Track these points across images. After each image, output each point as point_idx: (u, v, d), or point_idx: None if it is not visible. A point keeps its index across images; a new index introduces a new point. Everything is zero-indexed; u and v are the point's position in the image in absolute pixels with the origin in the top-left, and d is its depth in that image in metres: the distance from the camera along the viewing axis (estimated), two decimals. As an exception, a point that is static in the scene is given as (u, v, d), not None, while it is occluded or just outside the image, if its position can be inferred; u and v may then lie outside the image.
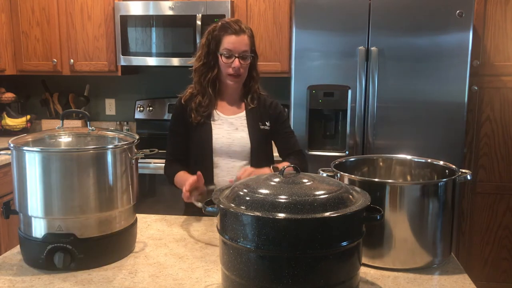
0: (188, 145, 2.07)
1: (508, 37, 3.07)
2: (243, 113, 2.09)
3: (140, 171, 1.71)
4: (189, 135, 2.06)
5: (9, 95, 3.78)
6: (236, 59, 1.98)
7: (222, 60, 1.99)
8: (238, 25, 2.02)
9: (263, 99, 2.14)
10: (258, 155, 2.04)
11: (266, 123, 2.09)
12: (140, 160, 1.58)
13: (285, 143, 2.12)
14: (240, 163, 2.02)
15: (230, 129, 2.05)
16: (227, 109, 2.09)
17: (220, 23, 2.04)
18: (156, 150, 1.59)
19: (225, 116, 2.07)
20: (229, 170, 2.01)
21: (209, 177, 1.96)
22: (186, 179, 1.86)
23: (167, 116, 3.81)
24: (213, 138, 2.02)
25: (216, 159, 2.03)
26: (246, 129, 2.06)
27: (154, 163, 3.20)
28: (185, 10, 3.33)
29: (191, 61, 2.12)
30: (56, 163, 1.40)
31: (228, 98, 2.10)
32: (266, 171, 1.83)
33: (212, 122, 2.05)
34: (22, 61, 3.59)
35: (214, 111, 2.06)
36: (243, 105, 2.11)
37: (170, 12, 3.34)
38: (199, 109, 2.04)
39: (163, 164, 3.15)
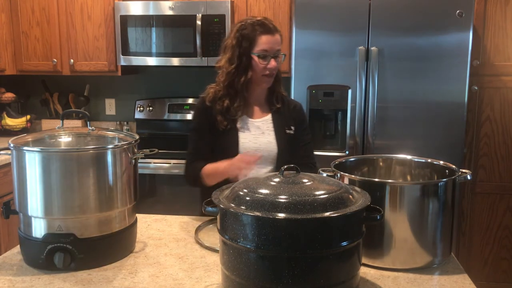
0: (213, 147, 1.97)
1: (508, 37, 3.07)
2: (269, 116, 2.02)
3: (140, 171, 1.71)
4: (213, 138, 1.96)
5: (9, 95, 3.78)
6: (272, 60, 1.91)
7: (257, 61, 1.91)
8: (272, 24, 1.94)
9: (286, 100, 2.08)
10: (284, 160, 1.94)
11: (292, 127, 2.02)
12: (140, 160, 1.58)
13: (303, 151, 2.05)
14: (265, 168, 1.95)
15: (256, 133, 1.97)
16: (253, 112, 2.01)
17: (249, 21, 1.94)
18: (156, 150, 1.59)
19: (251, 119, 1.99)
20: (258, 172, 1.90)
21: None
22: (223, 163, 1.81)
23: (167, 116, 3.81)
24: (239, 143, 1.94)
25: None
26: (272, 133, 1.99)
27: (154, 163, 3.20)
28: (185, 10, 3.33)
29: (219, 63, 2.01)
30: (56, 163, 1.40)
31: (255, 100, 2.01)
32: None
33: (238, 126, 1.96)
34: (22, 61, 3.59)
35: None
36: (268, 107, 2.04)
37: (170, 12, 3.34)
38: (226, 113, 1.94)
39: (163, 164, 3.19)
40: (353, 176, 1.48)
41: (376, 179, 1.57)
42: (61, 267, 1.40)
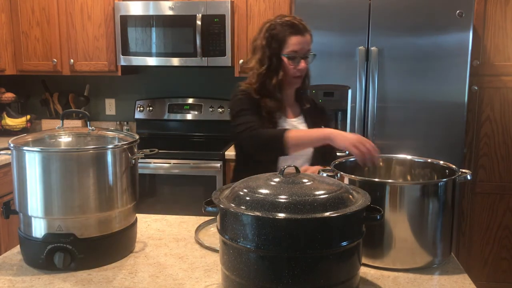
0: None
1: (508, 37, 3.07)
2: (301, 116, 2.02)
3: (140, 171, 1.70)
4: None
5: (9, 95, 3.78)
6: (302, 61, 1.89)
7: (289, 63, 1.89)
8: (302, 24, 1.90)
9: (312, 99, 2.08)
10: (318, 158, 1.95)
11: (322, 126, 2.00)
12: (140, 160, 1.58)
13: (331, 150, 1.99)
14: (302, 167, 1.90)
15: None
16: (287, 112, 2.00)
17: (278, 21, 1.90)
18: (156, 150, 1.59)
19: (288, 119, 1.98)
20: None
21: None
22: (320, 131, 1.73)
23: (167, 116, 3.81)
24: None
25: (279, 163, 1.92)
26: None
27: (154, 163, 3.20)
28: (185, 10, 3.33)
29: (250, 64, 1.98)
30: (56, 163, 1.40)
31: (287, 100, 2.00)
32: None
33: (278, 124, 1.94)
34: (22, 61, 3.60)
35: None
36: (298, 106, 2.03)
37: (170, 12, 3.34)
38: (267, 114, 1.91)
39: (163, 164, 3.19)
40: (353, 176, 1.48)
41: (376, 179, 1.57)
42: (61, 267, 1.40)
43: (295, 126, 1.98)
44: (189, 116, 3.80)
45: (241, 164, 2.11)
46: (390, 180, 1.62)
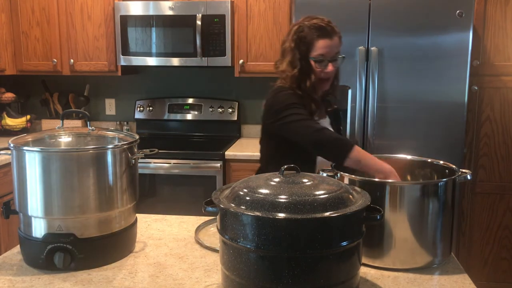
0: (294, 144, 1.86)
1: (508, 37, 3.07)
2: (327, 117, 2.01)
3: (140, 171, 1.70)
4: None
5: (9, 95, 3.78)
6: (330, 64, 1.87)
7: (316, 66, 1.87)
8: (331, 26, 1.87)
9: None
10: None
11: (340, 127, 2.01)
12: (140, 160, 1.58)
13: None
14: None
15: None
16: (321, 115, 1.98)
17: (306, 23, 1.88)
18: (156, 150, 1.59)
19: (320, 120, 1.96)
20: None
21: None
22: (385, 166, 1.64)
23: (167, 116, 3.81)
24: None
25: (317, 164, 1.92)
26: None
27: (154, 163, 3.20)
28: (185, 10, 3.33)
29: (280, 67, 1.95)
30: (56, 163, 1.40)
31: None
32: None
33: None
34: (22, 61, 3.59)
35: None
36: (324, 108, 2.01)
37: (170, 12, 3.34)
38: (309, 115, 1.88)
39: (163, 164, 3.19)
40: (353, 176, 1.48)
41: (376, 179, 1.57)
42: (61, 267, 1.40)
43: (327, 127, 1.96)
44: (189, 116, 3.80)
45: (271, 164, 2.07)
46: (390, 180, 1.62)
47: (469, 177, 1.49)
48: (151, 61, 3.43)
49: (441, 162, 1.63)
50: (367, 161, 1.67)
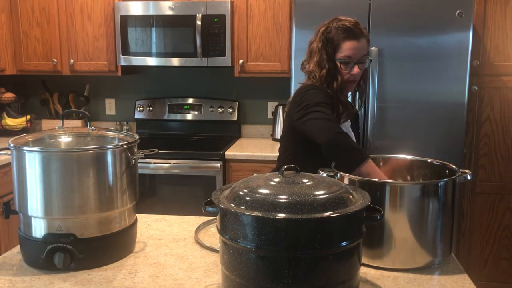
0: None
1: (508, 37, 3.07)
2: (348, 120, 2.01)
3: (140, 171, 1.70)
4: None
5: (9, 95, 3.78)
6: (356, 66, 1.85)
7: (341, 67, 1.86)
8: (358, 28, 1.86)
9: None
10: None
11: (359, 132, 2.02)
12: (140, 160, 1.58)
13: None
14: None
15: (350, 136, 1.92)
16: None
17: (334, 25, 1.87)
18: (156, 150, 1.59)
19: (343, 122, 1.96)
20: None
21: None
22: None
23: (167, 116, 3.81)
24: None
25: None
26: (353, 136, 1.98)
27: (154, 163, 3.20)
28: (185, 10, 3.33)
29: (309, 68, 1.93)
30: (56, 163, 1.40)
31: None
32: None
33: None
34: (22, 61, 3.59)
35: None
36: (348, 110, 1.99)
37: (170, 12, 3.34)
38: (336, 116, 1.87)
39: (163, 164, 3.19)
40: (353, 176, 1.48)
41: (376, 179, 1.57)
42: (61, 267, 1.40)
43: (350, 130, 1.96)
44: (189, 116, 3.80)
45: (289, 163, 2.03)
46: (390, 180, 1.62)
47: (469, 177, 1.49)
48: (151, 61, 3.43)
49: (441, 162, 1.63)
50: (376, 176, 1.65)
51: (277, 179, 1.23)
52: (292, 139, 2.01)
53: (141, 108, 3.82)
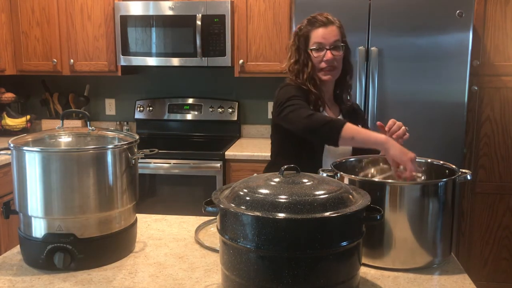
0: (299, 140, 1.91)
1: (508, 37, 3.07)
2: (341, 115, 2.04)
3: (140, 171, 1.71)
4: None
5: (9, 95, 3.78)
6: (328, 51, 1.91)
7: (313, 55, 1.92)
8: (325, 17, 1.94)
9: (349, 98, 2.09)
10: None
11: (359, 125, 1.99)
12: (140, 160, 1.58)
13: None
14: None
15: None
16: (327, 109, 2.01)
17: (306, 20, 1.96)
18: (156, 150, 1.59)
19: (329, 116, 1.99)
20: None
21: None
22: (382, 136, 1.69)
23: (167, 116, 3.81)
24: None
25: (323, 160, 1.95)
26: None
27: (154, 163, 3.20)
28: (185, 10, 3.33)
29: (286, 67, 2.02)
30: (56, 163, 1.40)
31: (325, 97, 2.00)
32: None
33: None
34: (22, 61, 3.60)
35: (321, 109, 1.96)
36: (337, 104, 2.05)
37: (170, 12, 3.34)
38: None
39: (163, 164, 3.19)
40: (353, 176, 1.48)
41: (376, 179, 1.57)
42: (61, 267, 1.40)
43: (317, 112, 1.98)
44: (189, 116, 3.80)
45: (280, 155, 2.08)
46: (390, 180, 1.62)
47: (469, 177, 1.49)
48: (151, 61, 3.43)
49: (441, 162, 1.63)
50: (361, 136, 1.71)
51: (277, 179, 1.23)
52: (276, 136, 2.10)
53: (141, 108, 3.82)
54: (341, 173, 1.49)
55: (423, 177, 1.64)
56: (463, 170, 1.52)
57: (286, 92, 1.94)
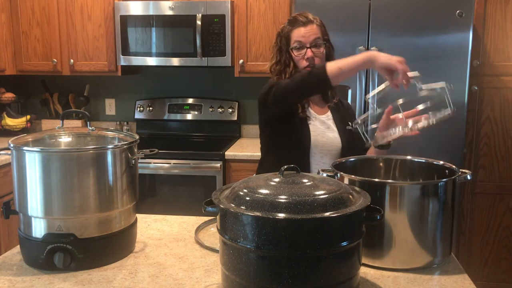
0: (286, 138, 2.00)
1: (508, 37, 3.07)
2: (329, 113, 2.06)
3: (140, 171, 1.71)
4: (288, 127, 1.99)
5: (9, 95, 3.78)
6: (308, 50, 1.93)
7: (294, 54, 1.94)
8: (305, 16, 1.97)
9: (339, 98, 2.11)
10: (346, 155, 1.95)
11: (349, 123, 2.04)
12: (140, 160, 1.58)
13: (359, 147, 2.04)
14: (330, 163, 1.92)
15: (323, 127, 2.01)
16: (314, 107, 2.04)
17: (287, 21, 1.99)
18: (156, 150, 1.59)
19: (316, 114, 2.03)
20: (321, 167, 1.86)
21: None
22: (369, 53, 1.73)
23: (167, 116, 3.81)
24: (310, 135, 1.97)
25: (310, 157, 1.98)
26: (335, 129, 2.03)
27: (154, 163, 3.20)
28: (185, 10, 3.33)
29: (269, 69, 2.06)
30: (56, 163, 1.40)
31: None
32: None
33: (308, 119, 1.99)
34: (22, 61, 3.60)
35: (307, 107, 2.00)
36: (324, 103, 2.07)
37: (170, 12, 3.34)
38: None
39: (163, 164, 3.19)
40: (353, 176, 1.47)
41: (376, 179, 1.56)
42: (61, 267, 1.40)
43: (323, 122, 2.02)
44: (189, 116, 3.80)
45: (270, 151, 2.12)
46: (390, 180, 1.62)
47: (469, 177, 1.49)
48: (151, 61, 3.43)
49: (441, 162, 1.63)
50: (346, 63, 1.74)
51: (277, 179, 1.23)
52: (263, 134, 2.17)
53: (141, 108, 3.82)
54: (341, 173, 1.49)
55: (426, 122, 1.64)
56: (463, 170, 1.51)
57: (267, 84, 1.99)
